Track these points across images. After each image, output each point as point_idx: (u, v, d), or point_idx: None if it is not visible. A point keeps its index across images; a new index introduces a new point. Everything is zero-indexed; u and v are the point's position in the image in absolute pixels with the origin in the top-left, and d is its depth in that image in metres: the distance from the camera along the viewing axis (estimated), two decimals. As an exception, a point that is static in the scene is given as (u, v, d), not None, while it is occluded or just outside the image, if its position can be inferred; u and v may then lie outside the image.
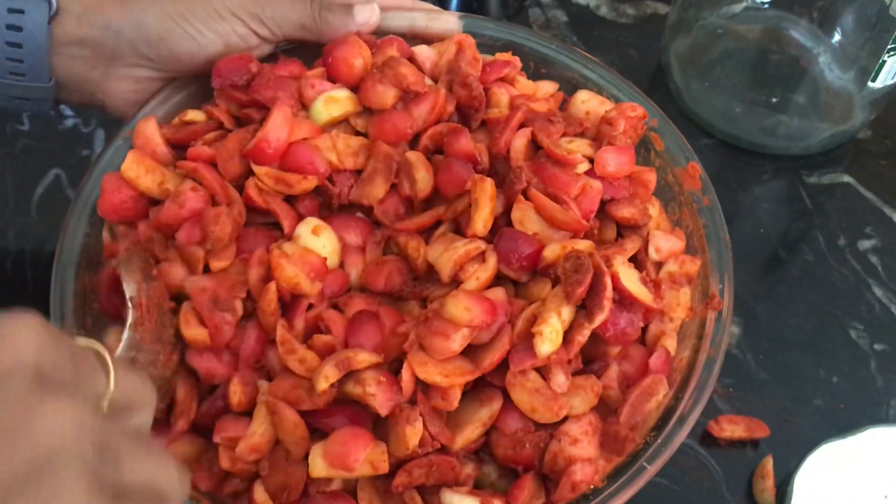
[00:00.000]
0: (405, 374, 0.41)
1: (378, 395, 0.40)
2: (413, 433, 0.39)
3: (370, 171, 0.48)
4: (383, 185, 0.48)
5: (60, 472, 0.25)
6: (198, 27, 0.50)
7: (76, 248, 0.47)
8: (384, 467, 0.40)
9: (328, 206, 0.49)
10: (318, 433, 0.41)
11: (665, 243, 0.47)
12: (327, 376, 0.40)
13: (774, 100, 0.72)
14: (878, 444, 0.54)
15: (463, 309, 0.41)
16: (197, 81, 0.53)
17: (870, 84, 0.67)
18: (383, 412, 0.40)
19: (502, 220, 0.46)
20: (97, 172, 0.50)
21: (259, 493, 0.41)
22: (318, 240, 0.45)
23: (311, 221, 0.46)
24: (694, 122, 0.73)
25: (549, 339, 0.40)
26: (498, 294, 0.43)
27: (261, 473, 0.41)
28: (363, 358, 0.41)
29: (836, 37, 0.71)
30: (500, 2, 0.81)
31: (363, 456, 0.39)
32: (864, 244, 0.68)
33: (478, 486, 0.42)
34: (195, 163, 0.47)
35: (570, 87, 0.57)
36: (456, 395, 0.41)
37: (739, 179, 0.71)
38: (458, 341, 0.41)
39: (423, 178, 0.48)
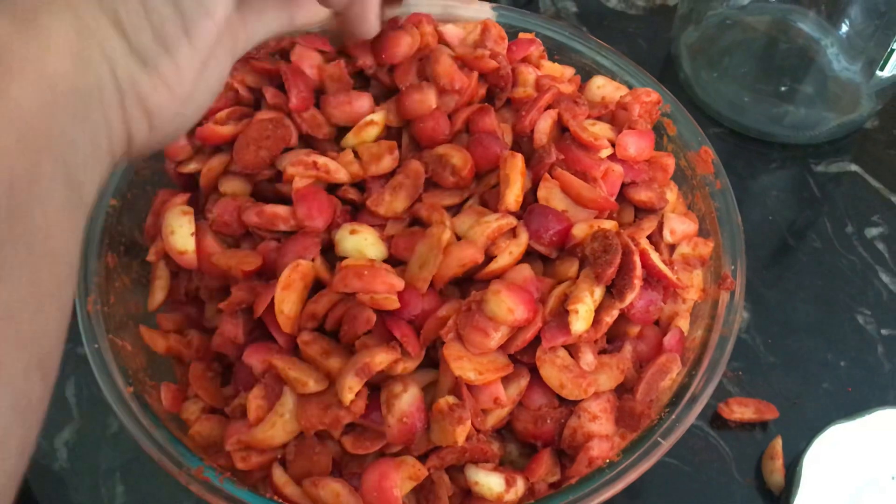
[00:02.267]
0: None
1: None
2: (462, 431, 0.39)
3: (396, 183, 0.47)
4: (406, 201, 0.47)
5: None
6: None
7: (98, 226, 0.48)
8: (423, 473, 0.40)
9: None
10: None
11: (679, 226, 0.48)
12: (351, 387, 0.39)
13: (782, 89, 0.73)
14: (886, 426, 0.55)
15: (506, 310, 0.40)
16: None
17: (877, 74, 0.68)
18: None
19: (529, 199, 0.47)
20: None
21: (278, 474, 0.41)
22: (363, 241, 0.44)
23: (347, 226, 0.45)
24: (703, 112, 0.74)
25: (583, 317, 0.40)
26: (526, 272, 0.43)
27: (287, 458, 0.41)
28: (381, 359, 0.40)
29: (844, 27, 0.71)
30: (511, -7, 0.82)
31: (399, 482, 0.39)
32: (872, 231, 0.68)
33: (499, 464, 0.43)
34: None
35: (583, 73, 0.57)
36: (506, 397, 0.41)
37: (748, 168, 0.72)
38: (496, 339, 0.41)
39: (460, 160, 0.47)
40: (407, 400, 0.40)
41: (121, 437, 0.55)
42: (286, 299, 0.42)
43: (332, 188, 0.47)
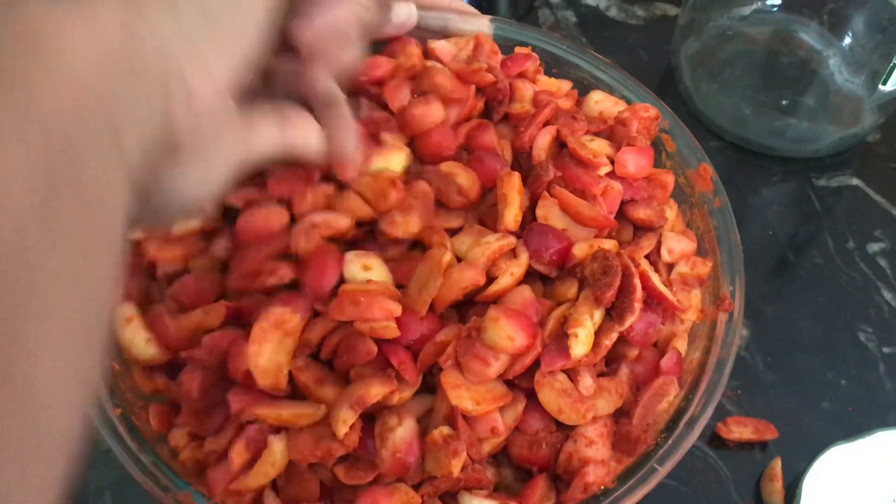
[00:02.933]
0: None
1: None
2: (458, 463, 0.38)
3: (406, 205, 0.45)
4: (419, 221, 0.45)
5: None
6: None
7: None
8: (417, 501, 0.39)
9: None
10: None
11: (677, 244, 0.47)
12: (345, 420, 0.38)
13: (784, 102, 0.72)
14: (887, 447, 0.54)
15: (506, 338, 0.39)
16: None
17: (880, 87, 0.67)
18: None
19: (527, 217, 0.46)
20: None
21: (270, 499, 0.40)
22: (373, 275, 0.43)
23: (359, 258, 0.43)
24: (703, 125, 0.73)
25: (583, 341, 0.40)
26: (526, 294, 0.42)
27: (278, 484, 0.41)
28: (377, 391, 0.39)
29: (847, 40, 0.71)
30: (510, 2, 0.81)
31: None
32: (874, 247, 0.68)
33: (494, 489, 0.42)
34: None
35: (580, 87, 0.57)
36: (503, 425, 0.40)
37: (748, 182, 0.71)
38: (496, 368, 0.40)
39: (467, 181, 0.46)
40: (401, 434, 0.39)
41: (112, 455, 0.54)
42: (261, 352, 0.40)
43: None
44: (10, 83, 0.24)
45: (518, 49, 0.56)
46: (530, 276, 0.45)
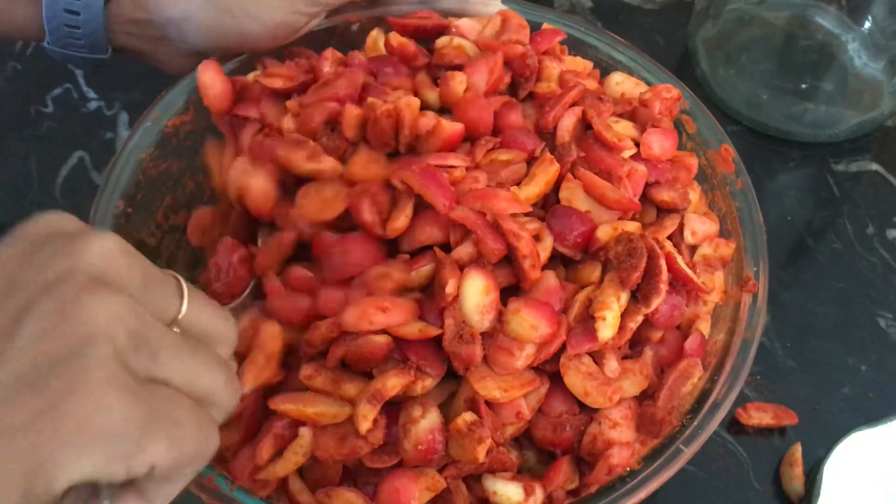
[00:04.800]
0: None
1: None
2: (483, 449, 0.38)
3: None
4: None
5: (90, 354, 0.27)
6: (244, 21, 0.50)
7: (106, 227, 0.47)
8: (442, 484, 0.39)
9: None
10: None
11: (700, 226, 0.47)
12: (365, 415, 0.38)
13: (802, 86, 0.71)
14: (909, 432, 0.54)
15: (529, 328, 0.39)
16: None
17: (900, 71, 0.67)
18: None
19: (551, 199, 0.45)
20: (125, 156, 0.49)
21: (294, 481, 0.40)
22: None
23: (477, 280, 0.40)
24: (720, 109, 0.73)
25: (610, 324, 0.39)
26: (551, 280, 0.42)
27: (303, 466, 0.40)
28: (394, 383, 0.38)
29: (866, 24, 0.70)
30: (524, -13, 0.81)
31: (417, 494, 0.38)
32: (893, 232, 0.67)
33: (517, 472, 0.42)
34: None
35: (599, 69, 0.56)
36: (528, 409, 0.40)
37: (766, 167, 0.70)
38: (523, 359, 0.39)
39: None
40: (424, 427, 0.38)
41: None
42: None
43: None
44: None
45: (545, 25, 0.55)
46: (552, 260, 0.44)
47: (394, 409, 0.39)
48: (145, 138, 0.50)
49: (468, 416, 0.39)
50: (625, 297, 0.40)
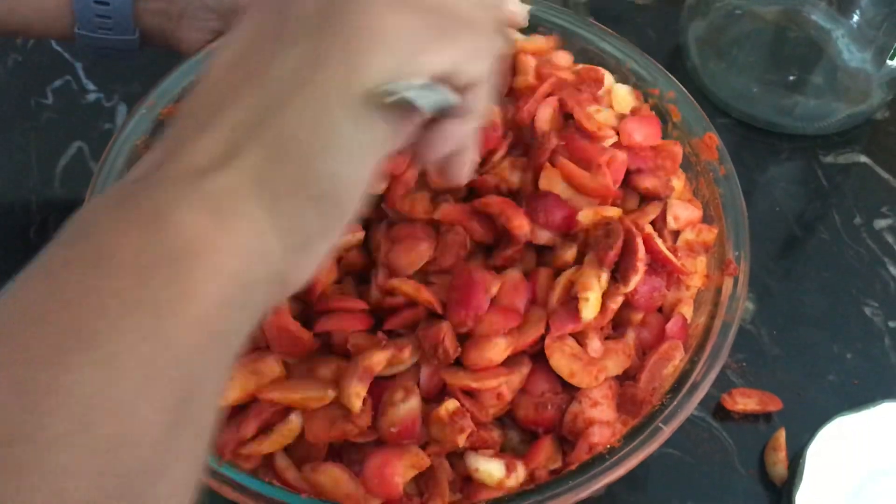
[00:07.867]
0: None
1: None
2: (463, 437, 0.39)
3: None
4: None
5: None
6: None
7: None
8: (426, 462, 0.39)
9: None
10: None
11: (683, 212, 0.48)
12: (357, 393, 0.38)
13: (791, 80, 0.72)
14: (890, 418, 0.55)
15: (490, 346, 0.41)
16: None
17: (888, 63, 0.67)
18: None
19: (529, 188, 0.46)
20: (119, 142, 0.51)
21: (280, 459, 0.41)
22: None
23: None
24: (711, 102, 0.73)
25: (593, 305, 0.40)
26: (514, 277, 0.43)
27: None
28: (379, 358, 0.39)
29: (855, 17, 0.71)
30: (518, -18, 0.81)
31: (401, 470, 0.39)
32: (880, 223, 0.68)
33: (500, 451, 0.43)
34: None
35: (586, 60, 0.57)
36: (510, 390, 0.41)
37: (756, 159, 0.71)
38: (500, 352, 0.41)
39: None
40: (403, 410, 0.39)
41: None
42: None
43: None
44: (153, 308, 0.24)
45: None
46: (526, 247, 0.45)
47: (376, 385, 0.40)
48: (140, 125, 0.51)
49: (450, 405, 0.39)
50: (605, 277, 0.41)
